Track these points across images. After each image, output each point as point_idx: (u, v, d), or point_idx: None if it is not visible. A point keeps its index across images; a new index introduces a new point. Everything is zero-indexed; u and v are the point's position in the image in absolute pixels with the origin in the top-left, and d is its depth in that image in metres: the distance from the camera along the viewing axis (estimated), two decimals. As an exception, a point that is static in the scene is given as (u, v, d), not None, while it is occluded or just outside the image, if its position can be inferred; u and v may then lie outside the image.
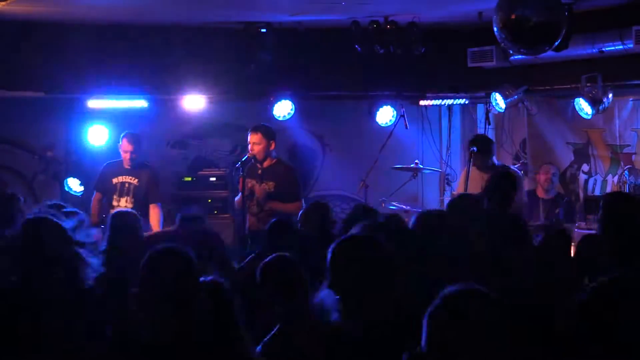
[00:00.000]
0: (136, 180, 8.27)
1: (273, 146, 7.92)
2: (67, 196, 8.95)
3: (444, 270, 4.15)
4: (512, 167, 8.59)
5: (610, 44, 7.74)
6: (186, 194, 9.74)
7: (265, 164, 7.89)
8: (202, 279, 3.48)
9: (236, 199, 8.06)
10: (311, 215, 6.36)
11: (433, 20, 8.70)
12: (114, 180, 8.28)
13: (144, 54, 8.95)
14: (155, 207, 8.27)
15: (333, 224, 6.37)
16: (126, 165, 8.29)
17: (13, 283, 3.89)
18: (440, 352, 2.24)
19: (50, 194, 9.06)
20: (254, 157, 7.85)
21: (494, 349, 2.24)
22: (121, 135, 8.35)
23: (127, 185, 8.26)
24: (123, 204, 8.16)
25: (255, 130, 7.90)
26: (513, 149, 10.32)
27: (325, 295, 3.86)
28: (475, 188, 8.05)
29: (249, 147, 7.86)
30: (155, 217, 8.20)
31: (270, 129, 7.98)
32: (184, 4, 7.80)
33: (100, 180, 8.41)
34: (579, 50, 7.92)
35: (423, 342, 2.27)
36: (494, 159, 8.28)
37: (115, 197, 8.24)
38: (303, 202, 7.88)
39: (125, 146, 8.26)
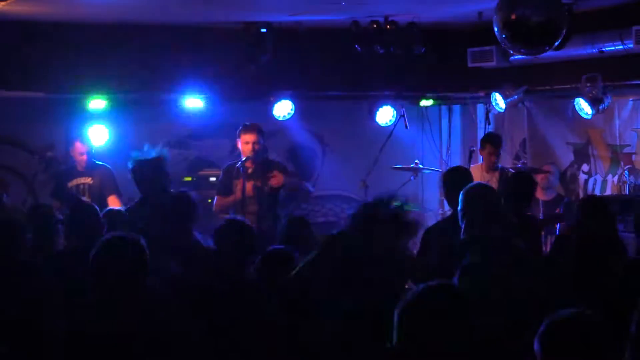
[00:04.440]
0: (90, 179, 8.31)
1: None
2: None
3: None
4: (510, 168, 8.61)
5: (610, 44, 7.74)
6: (186, 194, 9.73)
7: (260, 162, 7.87)
8: None
9: (216, 202, 7.95)
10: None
11: (433, 20, 8.70)
12: (70, 184, 8.32)
13: (144, 54, 8.94)
14: (113, 197, 8.26)
15: None
16: (80, 168, 8.34)
17: None
18: (411, 347, 2.27)
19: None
20: (254, 156, 7.81)
21: (464, 342, 2.26)
22: (72, 140, 8.41)
23: (82, 186, 8.31)
24: None
25: (253, 130, 7.83)
26: (513, 149, 10.33)
27: None
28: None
29: (250, 146, 7.77)
30: (112, 204, 8.15)
31: (261, 127, 8.00)
32: (184, 4, 7.80)
33: (56, 187, 8.45)
34: (579, 50, 7.92)
35: (395, 337, 2.29)
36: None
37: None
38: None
39: (80, 148, 8.32)
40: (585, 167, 9.61)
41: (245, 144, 7.78)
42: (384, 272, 3.28)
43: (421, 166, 9.64)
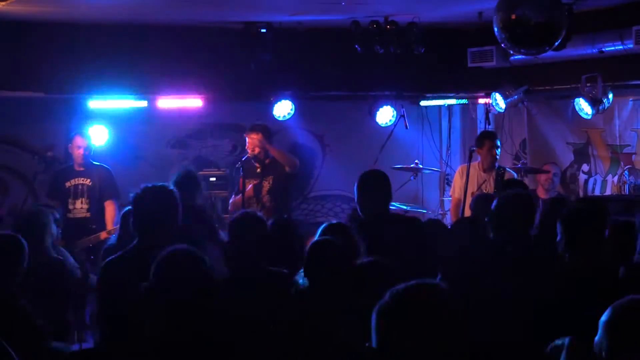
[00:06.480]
0: (89, 180, 8.28)
1: (270, 144, 7.98)
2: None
3: None
4: (507, 168, 8.60)
5: (610, 44, 7.74)
6: (186, 194, 9.73)
7: (265, 162, 7.91)
8: None
9: (231, 200, 8.07)
10: None
11: (433, 20, 8.70)
12: (67, 184, 8.29)
13: (144, 54, 8.94)
14: (111, 203, 8.25)
15: None
16: (77, 167, 8.31)
17: None
18: (391, 349, 2.22)
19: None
20: (254, 157, 7.85)
21: (447, 343, 2.21)
22: (72, 135, 8.40)
23: (80, 187, 8.27)
24: (79, 205, 8.18)
25: (255, 130, 7.89)
26: (513, 149, 10.33)
27: None
28: (472, 187, 8.08)
29: (250, 147, 7.85)
30: (109, 213, 8.20)
31: (268, 128, 8.01)
32: (184, 4, 7.80)
33: (52, 187, 8.41)
34: (579, 50, 7.92)
35: (373, 339, 2.24)
36: None
37: (70, 200, 8.23)
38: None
39: (78, 142, 8.28)
40: (585, 167, 9.61)
41: (247, 144, 7.89)
42: None
43: (421, 166, 9.64)
